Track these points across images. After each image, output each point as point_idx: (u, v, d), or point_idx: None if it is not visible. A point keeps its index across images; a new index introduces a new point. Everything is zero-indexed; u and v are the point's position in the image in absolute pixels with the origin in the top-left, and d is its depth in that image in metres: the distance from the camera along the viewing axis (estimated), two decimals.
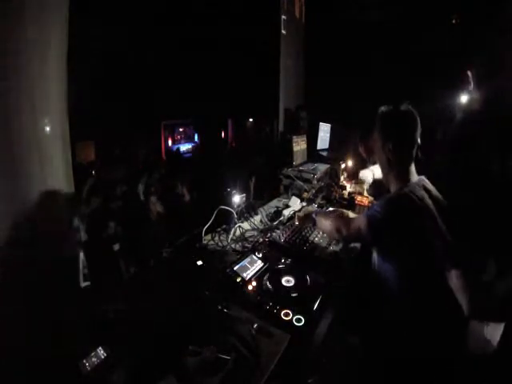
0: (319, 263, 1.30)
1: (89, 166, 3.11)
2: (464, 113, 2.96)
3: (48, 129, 1.20)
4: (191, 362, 0.79)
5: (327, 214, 1.53)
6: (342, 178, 2.34)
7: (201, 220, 1.50)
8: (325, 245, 1.45)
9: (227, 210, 1.53)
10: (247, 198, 1.69)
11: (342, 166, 2.35)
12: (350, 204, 2.00)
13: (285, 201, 2.02)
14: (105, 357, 0.79)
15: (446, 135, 2.94)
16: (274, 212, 1.79)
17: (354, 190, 2.16)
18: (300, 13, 3.97)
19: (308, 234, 1.51)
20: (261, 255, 1.28)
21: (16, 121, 1.07)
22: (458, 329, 1.13)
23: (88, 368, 0.76)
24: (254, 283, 1.11)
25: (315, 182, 2.24)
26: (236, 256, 1.31)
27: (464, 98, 3.08)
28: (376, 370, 1.17)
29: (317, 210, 1.79)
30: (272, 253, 1.34)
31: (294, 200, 1.94)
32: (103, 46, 3.35)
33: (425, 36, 3.62)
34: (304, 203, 1.97)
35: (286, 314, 0.97)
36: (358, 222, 1.21)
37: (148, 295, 1.05)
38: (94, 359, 0.78)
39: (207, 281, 1.12)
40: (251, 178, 3.19)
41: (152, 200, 2.52)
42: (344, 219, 1.37)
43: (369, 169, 1.97)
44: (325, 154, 3.25)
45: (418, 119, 1.16)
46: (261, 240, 1.46)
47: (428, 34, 3.63)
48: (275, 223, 1.67)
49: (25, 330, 1.04)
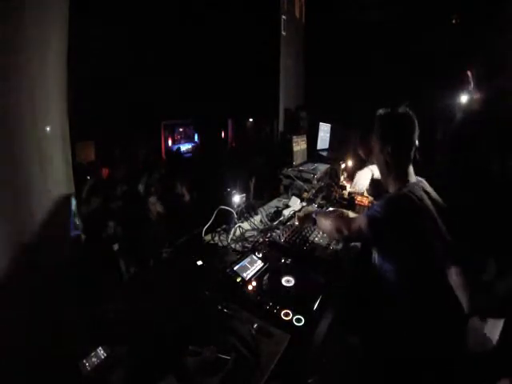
0: (319, 263, 1.30)
1: (89, 166, 3.11)
2: (464, 113, 2.96)
3: (48, 129, 1.20)
4: (191, 362, 0.79)
5: (327, 214, 1.53)
6: (341, 178, 2.34)
7: (201, 220, 1.50)
8: (325, 245, 1.45)
9: (227, 209, 1.53)
10: (247, 198, 1.69)
11: (342, 166, 2.36)
12: (350, 204, 2.00)
13: (285, 201, 2.02)
14: (105, 357, 0.79)
15: (445, 135, 2.94)
16: (274, 212, 1.79)
17: (353, 190, 2.16)
18: (300, 13, 3.97)
19: (308, 234, 1.51)
20: (261, 255, 1.28)
21: (16, 121, 1.07)
22: (457, 328, 1.13)
23: (88, 368, 0.76)
24: (254, 283, 1.11)
25: (315, 181, 2.24)
26: (236, 256, 1.31)
27: (464, 98, 3.08)
28: (376, 369, 1.17)
29: (317, 209, 1.79)
30: (272, 253, 1.34)
31: (293, 200, 1.94)
32: (103, 45, 3.35)
33: (425, 36, 3.62)
34: (304, 203, 1.97)
35: (286, 314, 0.97)
36: (359, 222, 1.21)
37: (148, 295, 1.05)
38: (93, 359, 0.78)
39: (207, 281, 1.12)
40: (251, 178, 3.19)
41: (152, 200, 2.52)
42: (344, 219, 1.37)
43: (368, 168, 1.97)
44: (325, 153, 3.25)
45: (416, 121, 1.17)
46: (261, 240, 1.46)
47: (428, 34, 3.62)
48: (275, 223, 1.67)
49: (25, 330, 1.04)
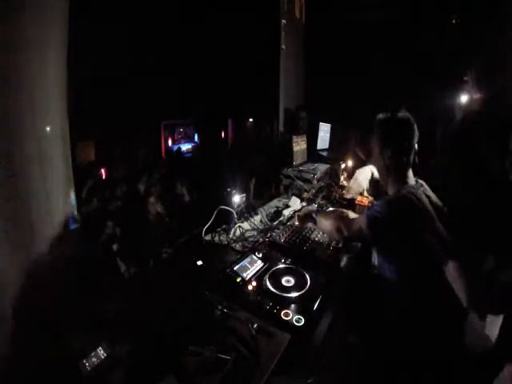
0: (319, 263, 1.30)
1: (89, 166, 3.11)
2: (464, 113, 2.96)
3: (48, 129, 1.20)
4: (191, 361, 0.79)
5: (327, 214, 1.53)
6: (341, 178, 2.34)
7: (201, 220, 1.50)
8: (325, 245, 1.45)
9: (227, 210, 1.53)
10: (247, 198, 1.69)
11: (342, 166, 2.36)
12: (350, 204, 2.00)
13: (285, 201, 2.02)
14: (105, 357, 0.79)
15: (445, 135, 2.94)
16: (274, 212, 1.79)
17: (350, 188, 2.15)
18: (300, 13, 3.97)
19: (308, 234, 1.51)
20: (261, 255, 1.28)
21: (16, 121, 1.07)
22: (457, 327, 1.14)
23: (88, 368, 0.76)
24: (254, 283, 1.11)
25: (315, 181, 2.24)
26: (236, 256, 1.31)
27: (464, 98, 3.08)
28: (376, 369, 1.17)
29: (317, 209, 1.79)
30: (272, 253, 1.34)
31: (293, 200, 1.94)
32: (103, 45, 3.35)
33: (425, 36, 3.62)
34: (304, 203, 1.97)
35: (286, 314, 0.97)
36: (359, 222, 1.21)
37: (148, 295, 1.05)
38: (94, 359, 0.78)
39: (207, 281, 1.12)
40: (251, 178, 3.19)
41: (152, 200, 2.52)
42: (344, 219, 1.37)
43: (368, 167, 1.97)
44: (325, 154, 3.25)
45: (415, 126, 1.18)
46: (261, 240, 1.46)
47: (428, 34, 3.63)
48: (275, 223, 1.67)
49: (25, 330, 1.04)
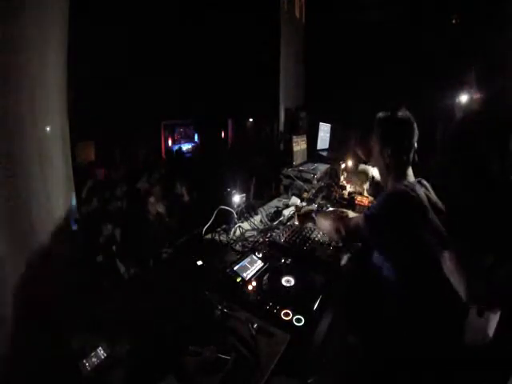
0: (319, 263, 1.31)
1: (89, 166, 3.11)
2: (464, 113, 2.96)
3: (48, 129, 1.20)
4: (191, 361, 0.79)
5: (327, 214, 1.53)
6: (341, 178, 2.34)
7: (201, 220, 1.50)
8: (325, 245, 1.45)
9: (227, 210, 1.53)
10: (247, 198, 1.69)
11: (342, 166, 2.36)
12: (350, 204, 2.00)
13: (285, 201, 2.02)
14: (105, 357, 0.79)
15: (445, 135, 2.94)
16: (274, 212, 1.79)
17: (353, 190, 2.16)
18: (300, 13, 3.97)
19: (308, 234, 1.51)
20: (261, 255, 1.28)
21: (16, 121, 1.07)
22: (457, 326, 1.13)
23: (88, 368, 0.76)
24: (254, 283, 1.11)
25: (315, 181, 2.24)
26: (236, 256, 1.31)
27: (464, 98, 3.08)
28: (376, 369, 1.17)
29: (316, 209, 1.79)
30: (272, 253, 1.34)
31: (294, 200, 1.94)
32: (103, 45, 3.35)
33: (425, 36, 3.62)
34: (304, 203, 1.97)
35: (286, 314, 0.97)
36: (357, 220, 1.22)
37: (148, 295, 1.05)
38: (93, 359, 0.78)
39: (207, 281, 1.12)
40: (251, 178, 3.19)
41: (152, 200, 2.52)
42: (344, 219, 1.38)
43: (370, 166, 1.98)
44: (325, 154, 3.25)
45: (415, 124, 1.18)
46: (261, 240, 1.46)
47: (428, 34, 3.62)
48: (275, 223, 1.67)
49: (25, 330, 1.04)
